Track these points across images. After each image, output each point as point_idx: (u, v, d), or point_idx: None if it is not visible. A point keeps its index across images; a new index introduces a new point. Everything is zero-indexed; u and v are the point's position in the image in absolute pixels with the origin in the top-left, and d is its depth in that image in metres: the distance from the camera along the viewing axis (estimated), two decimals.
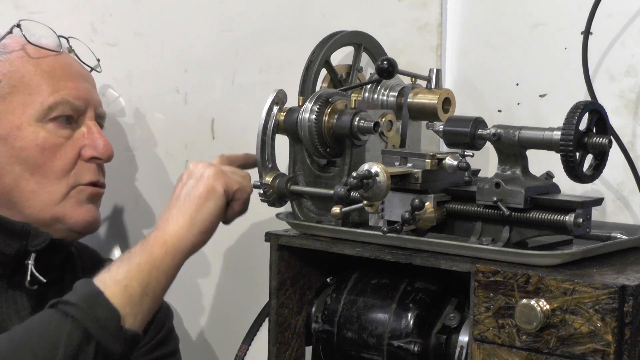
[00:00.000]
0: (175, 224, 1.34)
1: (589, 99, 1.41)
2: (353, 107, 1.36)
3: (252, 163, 1.46)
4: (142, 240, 1.35)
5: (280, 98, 1.41)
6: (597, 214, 1.38)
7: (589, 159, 1.23)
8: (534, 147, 1.22)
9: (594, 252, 1.22)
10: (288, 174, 1.41)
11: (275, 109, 1.40)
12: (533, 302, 1.11)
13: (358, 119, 1.34)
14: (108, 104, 1.73)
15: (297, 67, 1.45)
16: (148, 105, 1.75)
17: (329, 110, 1.36)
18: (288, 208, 1.43)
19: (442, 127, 1.27)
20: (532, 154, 1.25)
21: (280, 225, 1.40)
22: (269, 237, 1.37)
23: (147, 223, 1.77)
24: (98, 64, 1.60)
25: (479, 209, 1.24)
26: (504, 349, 1.14)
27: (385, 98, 1.45)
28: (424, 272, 1.28)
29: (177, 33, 1.73)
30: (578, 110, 1.18)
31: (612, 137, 1.22)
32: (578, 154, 1.20)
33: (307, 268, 1.41)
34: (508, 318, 1.14)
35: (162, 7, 1.74)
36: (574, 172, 1.19)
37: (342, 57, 1.54)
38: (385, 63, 1.38)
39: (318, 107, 1.36)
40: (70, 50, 1.55)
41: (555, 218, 1.19)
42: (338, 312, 1.32)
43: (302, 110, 1.37)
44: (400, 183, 1.26)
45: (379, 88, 1.45)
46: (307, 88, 1.44)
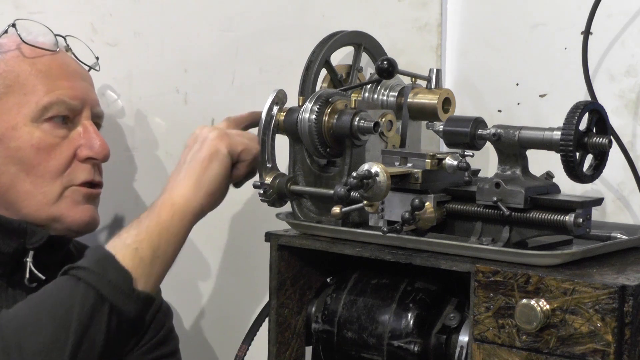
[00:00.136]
0: (182, 187, 1.35)
1: (589, 99, 1.41)
2: (353, 107, 1.36)
3: (258, 120, 1.46)
4: (150, 206, 1.36)
5: (280, 98, 1.41)
6: (597, 214, 1.38)
7: (589, 159, 1.23)
8: (534, 147, 1.22)
9: (594, 252, 1.22)
10: (288, 174, 1.41)
11: (275, 109, 1.40)
12: (533, 302, 1.11)
13: (358, 119, 1.34)
14: (108, 105, 1.73)
15: (297, 67, 1.45)
16: (148, 106, 1.75)
17: (329, 110, 1.36)
18: (288, 208, 1.43)
19: (442, 127, 1.27)
20: (532, 154, 1.25)
21: (280, 225, 1.40)
22: (269, 237, 1.37)
23: None
24: (97, 63, 1.60)
25: (479, 209, 1.24)
26: (504, 349, 1.14)
27: (385, 98, 1.45)
28: (424, 272, 1.28)
29: (177, 33, 1.73)
30: (578, 110, 1.18)
31: (612, 137, 1.22)
32: (578, 154, 1.20)
33: (307, 268, 1.41)
34: (508, 318, 1.14)
35: (162, 7, 1.74)
36: (574, 172, 1.19)
37: (342, 57, 1.54)
38: (385, 63, 1.38)
39: (318, 107, 1.36)
40: (68, 49, 1.55)
41: (555, 218, 1.19)
42: (338, 312, 1.32)
43: (302, 110, 1.37)
44: (400, 183, 1.26)
45: (379, 88, 1.45)
46: (307, 88, 1.44)
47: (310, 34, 1.51)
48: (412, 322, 1.26)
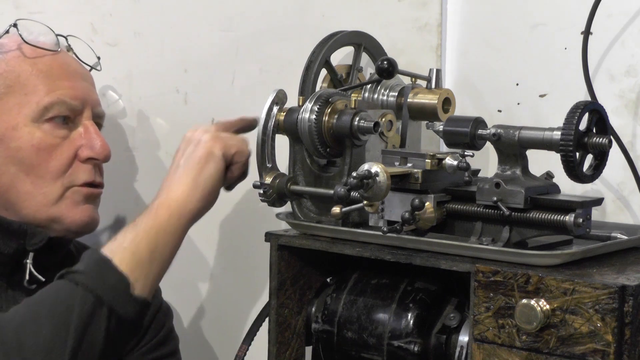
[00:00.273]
0: (178, 188, 1.35)
1: (589, 99, 1.41)
2: (353, 107, 1.36)
3: (247, 127, 1.46)
4: (146, 208, 1.35)
5: (280, 98, 1.41)
6: (597, 214, 1.38)
7: (589, 159, 1.23)
8: (534, 147, 1.22)
9: (594, 252, 1.22)
10: (288, 174, 1.41)
11: (275, 109, 1.40)
12: (533, 302, 1.11)
13: (358, 119, 1.34)
14: (108, 105, 1.73)
15: (297, 67, 1.45)
16: (148, 106, 1.75)
17: (329, 110, 1.36)
18: (288, 208, 1.43)
19: (442, 127, 1.27)
20: (532, 154, 1.25)
21: (280, 225, 1.40)
22: (269, 237, 1.37)
23: None
24: (98, 62, 1.60)
25: (479, 209, 1.24)
26: (504, 349, 1.14)
27: (385, 98, 1.45)
28: (424, 272, 1.28)
29: (177, 33, 1.73)
30: (578, 110, 1.18)
31: (612, 137, 1.22)
32: (578, 154, 1.20)
33: (307, 268, 1.41)
34: (508, 318, 1.14)
35: (162, 7, 1.74)
36: (574, 172, 1.19)
37: (342, 57, 1.54)
38: (385, 63, 1.38)
39: (318, 107, 1.36)
40: (69, 49, 1.55)
41: (555, 218, 1.19)
42: (338, 312, 1.32)
43: (302, 110, 1.37)
44: (400, 183, 1.26)
45: (379, 88, 1.45)
46: (307, 88, 1.44)
47: (310, 34, 1.51)
48: (412, 322, 1.26)
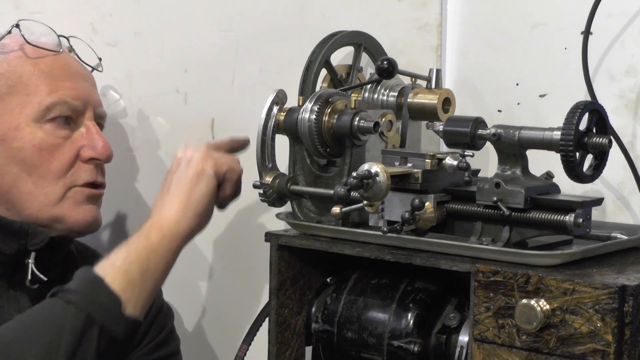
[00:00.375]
0: (170, 209, 1.35)
1: (589, 99, 1.41)
2: (353, 107, 1.36)
3: (238, 147, 1.46)
4: (139, 228, 1.35)
5: (280, 98, 1.41)
6: (597, 214, 1.38)
7: (589, 159, 1.23)
8: (534, 147, 1.22)
9: (594, 252, 1.22)
10: (288, 174, 1.41)
11: (275, 109, 1.40)
12: (533, 302, 1.11)
13: (358, 119, 1.34)
14: (108, 106, 1.73)
15: (297, 67, 1.45)
16: (148, 106, 1.75)
17: (329, 110, 1.36)
18: (288, 208, 1.43)
19: (442, 127, 1.27)
20: (532, 154, 1.25)
21: (280, 225, 1.40)
22: (269, 237, 1.37)
23: None
24: (99, 64, 1.60)
25: (479, 209, 1.24)
26: (504, 349, 1.14)
27: (385, 98, 1.44)
28: (424, 272, 1.28)
29: (177, 33, 1.73)
30: (578, 110, 1.18)
31: (612, 137, 1.22)
32: (578, 154, 1.20)
33: (307, 268, 1.41)
34: (508, 318, 1.14)
35: (162, 7, 1.74)
36: (574, 172, 1.19)
37: (342, 57, 1.54)
38: (385, 63, 1.38)
39: (318, 107, 1.36)
40: (71, 50, 1.55)
41: (555, 218, 1.19)
42: (338, 312, 1.32)
43: (302, 110, 1.37)
44: (400, 183, 1.26)
45: (379, 88, 1.45)
46: (307, 88, 1.44)
47: (310, 34, 1.51)
48: (412, 322, 1.26)
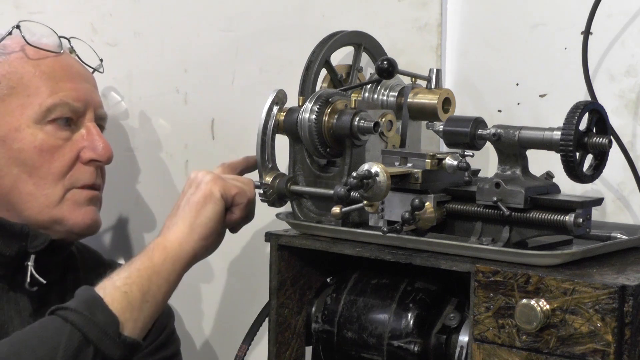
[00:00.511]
0: (176, 231, 1.35)
1: (589, 99, 1.41)
2: (353, 107, 1.36)
3: (253, 165, 1.46)
4: (143, 249, 1.35)
5: (280, 98, 1.41)
6: (597, 214, 1.38)
7: (589, 159, 1.23)
8: (534, 147, 1.22)
9: (594, 252, 1.22)
10: (288, 174, 1.41)
11: (275, 109, 1.40)
12: (533, 302, 1.11)
13: (358, 119, 1.34)
14: (110, 107, 1.73)
15: (297, 67, 1.45)
16: (148, 106, 1.75)
17: (329, 110, 1.36)
18: (288, 208, 1.43)
19: (442, 127, 1.27)
20: (532, 154, 1.25)
21: (280, 225, 1.40)
22: (269, 237, 1.37)
23: (147, 223, 1.77)
24: (101, 65, 1.60)
25: (479, 209, 1.24)
26: (504, 349, 1.14)
27: (385, 98, 1.44)
28: (424, 272, 1.28)
29: (177, 33, 1.73)
30: (578, 110, 1.18)
31: (612, 137, 1.22)
32: (578, 154, 1.20)
33: (307, 268, 1.41)
34: (508, 318, 1.14)
35: (162, 7, 1.74)
36: (574, 172, 1.19)
37: (342, 57, 1.54)
38: (385, 63, 1.38)
39: (318, 107, 1.36)
40: (72, 51, 1.55)
41: (555, 218, 1.19)
42: (338, 312, 1.32)
43: (302, 110, 1.37)
44: (400, 183, 1.26)
45: (379, 88, 1.45)
46: (307, 88, 1.44)
47: (310, 34, 1.51)
48: (412, 322, 1.26)
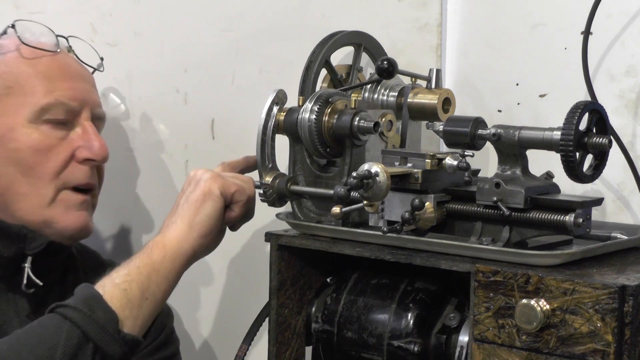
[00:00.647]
0: (175, 229, 1.35)
1: (589, 99, 1.41)
2: (353, 107, 1.36)
3: (253, 164, 1.46)
4: (143, 247, 1.36)
5: (280, 98, 1.41)
6: (597, 214, 1.38)
7: (589, 159, 1.23)
8: (534, 147, 1.22)
9: (594, 252, 1.22)
10: (288, 174, 1.41)
11: (275, 109, 1.40)
12: (533, 302, 1.11)
13: (358, 119, 1.34)
14: (109, 109, 1.73)
15: (297, 67, 1.45)
16: (148, 106, 1.75)
17: (329, 110, 1.36)
18: (288, 208, 1.43)
19: (442, 127, 1.27)
20: (532, 154, 1.25)
21: (280, 225, 1.40)
22: (269, 237, 1.37)
23: (146, 223, 1.77)
24: (101, 64, 1.60)
25: (479, 209, 1.24)
26: (504, 349, 1.14)
27: (385, 98, 1.44)
28: (424, 272, 1.28)
29: (177, 33, 1.73)
30: (578, 110, 1.18)
31: (612, 137, 1.22)
32: (578, 154, 1.20)
33: (307, 268, 1.41)
34: (508, 318, 1.14)
35: (162, 7, 1.74)
36: (574, 172, 1.19)
37: (342, 57, 1.54)
38: (385, 63, 1.38)
39: (318, 107, 1.36)
40: (70, 50, 1.54)
41: (555, 218, 1.19)
42: (338, 312, 1.32)
43: (302, 110, 1.37)
44: (400, 183, 1.26)
45: (379, 88, 1.45)
46: (307, 88, 1.44)
47: (310, 34, 1.51)
48: (412, 322, 1.26)
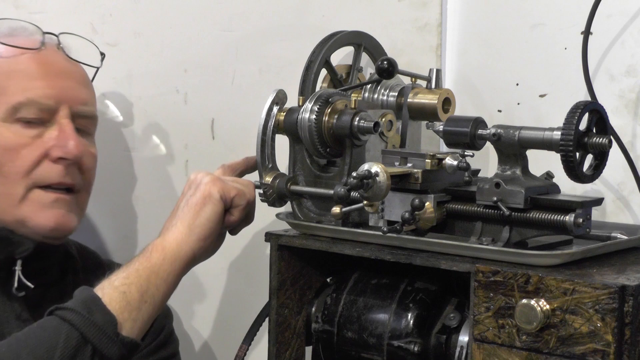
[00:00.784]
0: (174, 231, 1.35)
1: (589, 99, 1.41)
2: (353, 107, 1.36)
3: (253, 165, 1.46)
4: (142, 250, 1.35)
5: (280, 98, 1.41)
6: (597, 214, 1.38)
7: (589, 159, 1.23)
8: (534, 147, 1.22)
9: (594, 252, 1.22)
10: (288, 174, 1.41)
11: (275, 109, 1.40)
12: (533, 302, 1.11)
13: (358, 119, 1.34)
14: (107, 117, 1.72)
15: (297, 67, 1.45)
16: (148, 106, 1.75)
17: (329, 110, 1.36)
18: (288, 208, 1.43)
19: (442, 127, 1.27)
20: (532, 154, 1.25)
21: (280, 225, 1.40)
22: (269, 237, 1.37)
23: (146, 223, 1.76)
24: (101, 60, 1.59)
25: (479, 209, 1.24)
26: (504, 349, 1.14)
27: (385, 98, 1.45)
28: (424, 272, 1.28)
29: (177, 33, 1.73)
30: (578, 110, 1.18)
31: (612, 137, 1.22)
32: (578, 154, 1.20)
33: (307, 268, 1.41)
34: (508, 318, 1.14)
35: (162, 7, 1.74)
36: (574, 172, 1.19)
37: (342, 57, 1.54)
38: (385, 63, 1.38)
39: (318, 107, 1.36)
40: (59, 47, 1.52)
41: (555, 218, 1.19)
42: (338, 312, 1.32)
43: (302, 110, 1.37)
44: (400, 183, 1.26)
45: (379, 88, 1.45)
46: (307, 88, 1.44)
47: (310, 34, 1.51)
48: (412, 322, 1.26)
